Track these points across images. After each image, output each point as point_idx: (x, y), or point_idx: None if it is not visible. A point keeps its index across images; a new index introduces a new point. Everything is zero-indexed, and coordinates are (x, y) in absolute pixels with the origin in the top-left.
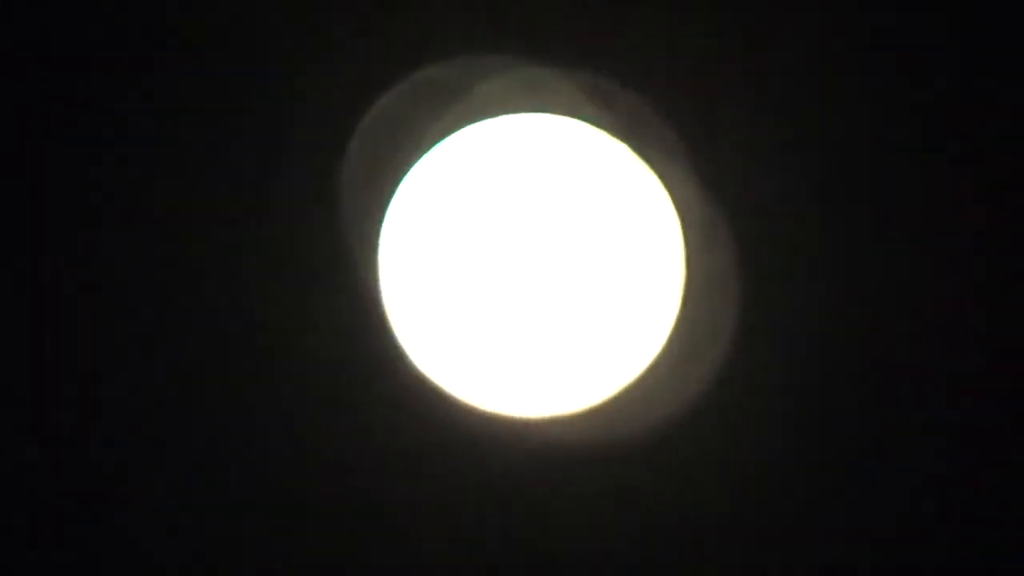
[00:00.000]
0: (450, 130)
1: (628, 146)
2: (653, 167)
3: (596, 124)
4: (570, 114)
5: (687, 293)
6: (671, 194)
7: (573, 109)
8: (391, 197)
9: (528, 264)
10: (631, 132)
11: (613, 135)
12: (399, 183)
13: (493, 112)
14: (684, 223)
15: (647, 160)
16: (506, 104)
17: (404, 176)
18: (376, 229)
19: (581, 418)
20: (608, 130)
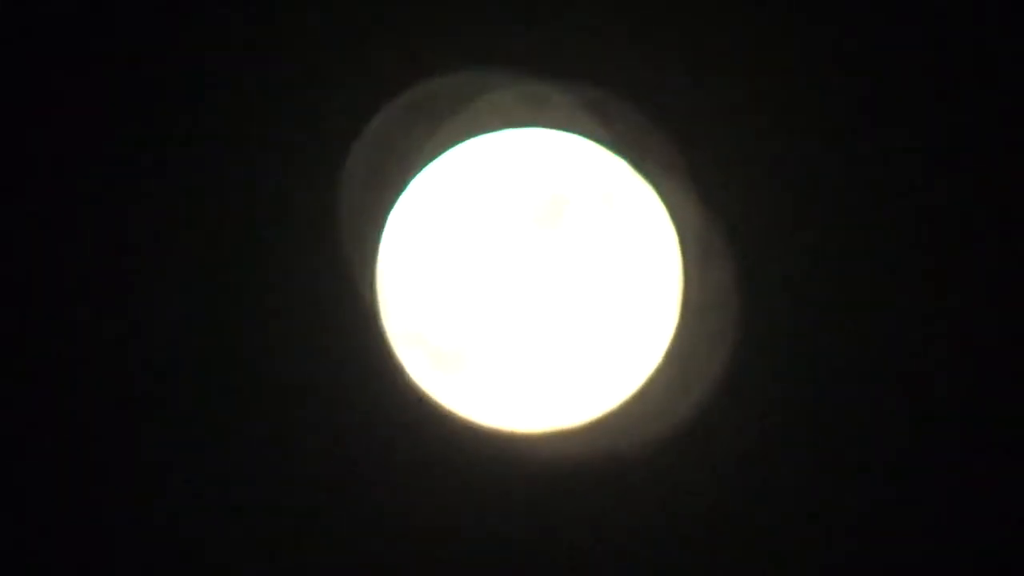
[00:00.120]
0: (449, 144)
1: (627, 161)
2: (651, 182)
3: (595, 139)
4: (569, 129)
5: (685, 308)
6: (669, 209)
7: (572, 124)
8: (389, 211)
9: (526, 279)
10: (630, 147)
11: (612, 150)
12: (398, 197)
13: (492, 127)
14: (682, 238)
15: (645, 175)
16: (505, 119)
17: (403, 191)
18: (375, 243)
19: (579, 433)
20: (607, 145)
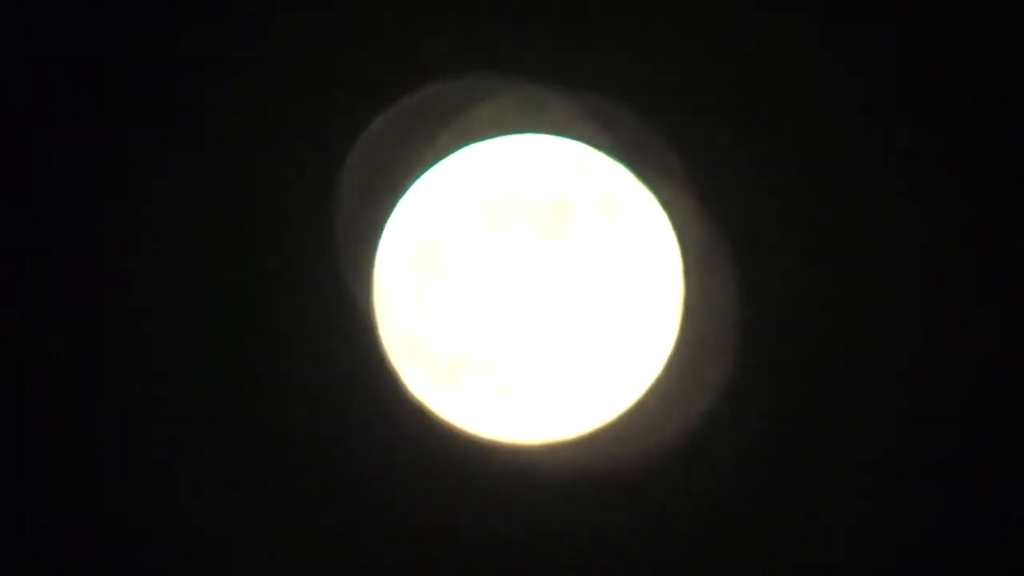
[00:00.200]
0: (448, 150)
1: (627, 167)
2: (652, 188)
3: (595, 145)
4: (568, 135)
5: (686, 315)
6: (670, 215)
7: (571, 129)
8: (388, 218)
9: (525, 286)
10: (630, 153)
11: (611, 155)
12: (396, 203)
13: (491, 132)
14: (683, 244)
15: (646, 181)
16: (505, 124)
17: (401, 196)
18: (372, 250)
19: (580, 443)
20: (607, 151)
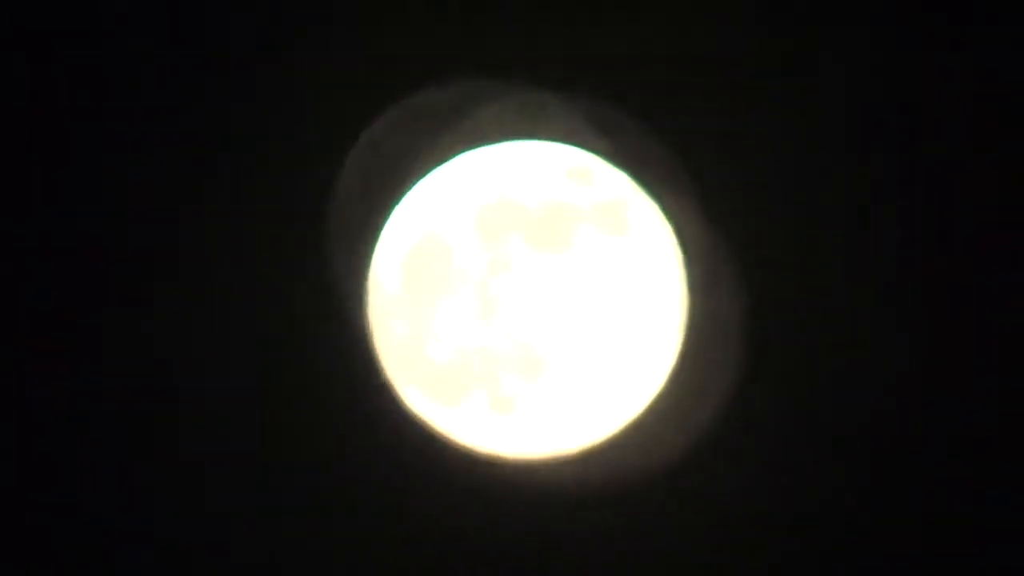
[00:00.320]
0: (447, 155)
1: (628, 174)
2: (653, 195)
3: (595, 151)
4: (569, 141)
5: (689, 327)
6: (671, 222)
7: (572, 136)
8: (385, 223)
9: (526, 296)
10: (631, 159)
11: (613, 163)
12: (394, 209)
13: (491, 138)
14: (686, 253)
15: (647, 188)
16: (504, 130)
17: (399, 202)
18: (369, 256)
19: (582, 457)
20: (608, 157)
